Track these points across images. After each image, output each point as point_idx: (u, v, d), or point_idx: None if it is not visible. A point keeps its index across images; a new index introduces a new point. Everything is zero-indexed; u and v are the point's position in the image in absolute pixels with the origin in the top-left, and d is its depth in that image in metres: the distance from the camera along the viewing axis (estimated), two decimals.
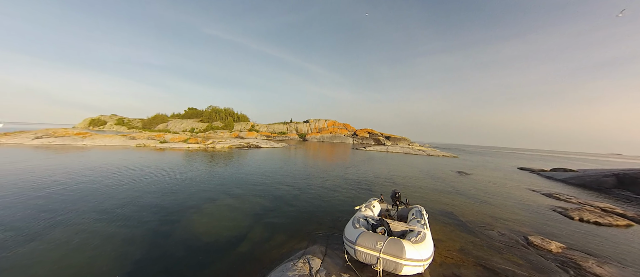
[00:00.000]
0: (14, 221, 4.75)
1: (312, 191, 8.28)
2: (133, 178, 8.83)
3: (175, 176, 9.65)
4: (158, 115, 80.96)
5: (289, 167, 13.41)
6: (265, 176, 10.58)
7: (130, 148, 19.55)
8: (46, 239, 4.11)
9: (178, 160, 14.20)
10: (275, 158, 17.72)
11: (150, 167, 11.14)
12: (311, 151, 27.61)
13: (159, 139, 24.49)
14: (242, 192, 7.67)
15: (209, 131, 61.14)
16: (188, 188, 7.84)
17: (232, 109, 76.93)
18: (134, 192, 7.10)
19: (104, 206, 5.80)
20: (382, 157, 23.79)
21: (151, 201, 6.33)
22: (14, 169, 9.33)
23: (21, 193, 6.46)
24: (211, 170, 11.39)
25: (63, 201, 6.00)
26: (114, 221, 4.97)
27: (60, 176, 8.56)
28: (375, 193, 8.53)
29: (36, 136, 21.04)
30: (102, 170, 10.01)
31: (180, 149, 20.78)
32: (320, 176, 11.20)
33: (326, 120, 71.06)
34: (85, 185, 7.59)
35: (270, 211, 6.05)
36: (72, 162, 11.78)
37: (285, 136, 64.27)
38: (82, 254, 3.72)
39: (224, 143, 25.49)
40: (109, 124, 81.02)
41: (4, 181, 7.54)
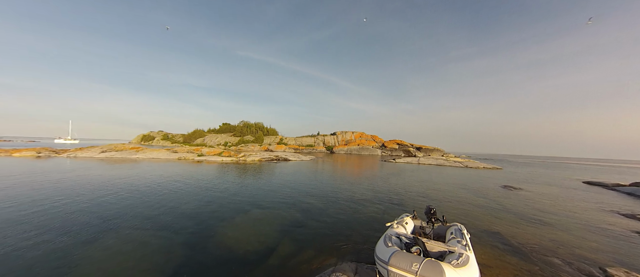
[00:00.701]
0: (73, 225, 5.50)
1: (340, 205, 8.10)
2: (174, 189, 9.67)
3: (211, 187, 10.31)
4: (196, 130, 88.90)
5: (316, 180, 13.41)
6: (293, 189, 10.71)
7: (173, 161, 21.63)
8: (98, 244, 4.65)
9: (213, 172, 15.21)
10: (303, 171, 17.93)
11: (189, 179, 12.12)
12: (338, 163, 27.37)
13: (197, 152, 26.71)
14: (272, 205, 7.83)
15: (240, 145, 64.93)
16: (222, 199, 8.28)
17: (262, 123, 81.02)
18: (175, 202, 7.74)
19: (150, 214, 6.40)
20: (413, 169, 22.46)
21: (189, 211, 6.81)
22: (77, 177, 10.96)
23: (82, 200, 7.51)
24: (243, 182, 11.94)
25: (116, 209, 6.79)
26: (158, 229, 5.43)
27: (116, 186, 9.77)
28: (408, 209, 7.99)
29: (102, 150, 24.59)
30: (150, 181, 11.19)
31: (215, 161, 22.32)
32: (348, 189, 10.95)
33: (353, 133, 70.43)
34: (135, 194, 8.52)
35: (298, 225, 6.04)
36: (126, 173, 13.41)
37: (313, 149, 65.06)
38: (130, 258, 4.10)
39: (254, 156, 26.71)
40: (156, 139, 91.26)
41: (68, 190, 8.87)
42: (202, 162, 21.16)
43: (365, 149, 60.69)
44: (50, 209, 6.51)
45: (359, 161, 33.67)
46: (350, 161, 31.62)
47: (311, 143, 68.62)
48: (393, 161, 33.80)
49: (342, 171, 19.29)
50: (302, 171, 17.96)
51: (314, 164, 24.72)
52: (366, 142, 65.65)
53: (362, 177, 15.66)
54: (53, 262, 3.86)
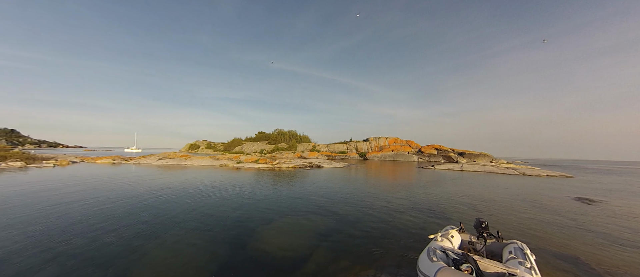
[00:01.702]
0: (139, 221, 6.33)
1: (376, 214, 7.78)
2: (218, 194, 10.51)
3: (249, 193, 10.93)
4: (235, 139, 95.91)
5: (350, 188, 13.18)
6: (327, 196, 10.69)
7: (216, 167, 23.62)
8: (158, 239, 5.25)
9: (251, 179, 16.13)
10: (336, 178, 17.83)
11: (230, 185, 13.05)
12: (372, 170, 26.52)
13: (236, 160, 28.74)
14: (306, 212, 7.92)
15: (275, 152, 67.90)
16: (259, 204, 8.69)
17: (295, 131, 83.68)
18: (218, 206, 8.39)
19: (197, 216, 7.04)
20: (455, 177, 20.48)
21: (230, 214, 7.30)
22: (142, 181, 12.67)
23: (146, 200, 8.63)
24: (278, 189, 12.38)
25: (171, 209, 7.64)
26: (204, 230, 5.93)
27: (171, 190, 11.04)
28: (452, 221, 7.27)
29: (159, 158, 28.22)
30: (198, 186, 12.38)
31: (252, 168, 23.68)
32: (384, 197, 10.48)
33: (387, 138, 67.89)
34: (186, 197, 9.49)
35: (333, 232, 5.97)
36: (178, 178, 15.08)
37: (346, 156, 64.51)
38: (182, 254, 4.54)
39: (288, 163, 27.59)
40: (201, 147, 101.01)
41: (135, 192, 10.29)
42: (240, 169, 22.66)
43: (400, 155, 57.80)
44: (122, 206, 7.65)
45: (393, 167, 32.11)
46: (385, 168, 30.36)
47: (343, 150, 68.16)
48: (432, 168, 31.39)
49: (377, 178, 18.60)
50: (336, 178, 17.86)
51: (347, 171, 24.39)
52: (401, 148, 62.53)
53: (398, 184, 14.86)
54: (123, 247, 4.49)
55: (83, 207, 7.68)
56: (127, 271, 3.91)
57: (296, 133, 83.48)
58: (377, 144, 66.93)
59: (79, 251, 4.55)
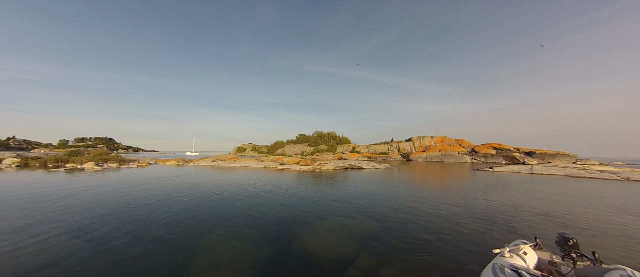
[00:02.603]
0: (199, 213, 7.14)
1: (425, 220, 7.17)
2: (263, 193, 11.20)
3: (292, 193, 11.34)
4: (277, 142, 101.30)
5: (393, 190, 12.51)
6: (369, 198, 10.37)
7: (260, 169, 25.31)
8: (213, 234, 5.83)
9: (293, 180, 16.76)
10: (378, 180, 17.19)
11: (274, 185, 13.79)
12: (417, 172, 24.71)
13: (278, 162, 30.30)
14: (348, 214, 7.80)
15: (315, 154, 69.35)
16: (301, 205, 8.93)
17: (334, 133, 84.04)
18: (264, 205, 8.92)
19: (247, 213, 7.60)
20: (522, 181, 17.46)
21: (274, 213, 7.68)
22: (198, 179, 14.36)
23: (203, 196, 9.74)
24: (320, 190, 12.55)
25: (224, 206, 8.44)
26: (252, 227, 6.36)
27: (223, 188, 12.23)
28: (524, 234, 6.20)
29: (212, 160, 31.68)
30: (245, 185, 13.45)
31: (294, 170, 24.61)
32: (432, 203, 9.62)
33: (432, 137, 62.59)
34: (235, 196, 10.38)
35: (377, 238, 5.72)
36: (228, 178, 16.64)
37: (387, 157, 61.87)
38: (233, 248, 4.94)
39: (329, 165, 27.81)
40: (247, 150, 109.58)
41: (193, 189, 11.69)
42: (283, 170, 23.78)
43: (449, 155, 52.52)
44: (186, 201, 8.80)
45: (441, 169, 29.29)
46: (431, 170, 27.93)
47: (385, 150, 65.45)
48: (490, 170, 27.54)
49: (423, 180, 17.22)
50: (377, 179, 17.22)
51: (389, 172, 23.28)
52: (450, 148, 56.81)
53: (448, 188, 13.47)
54: (188, 238, 5.14)
55: (159, 200, 9.10)
56: (191, 258, 4.44)
57: (335, 134, 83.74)
58: (421, 144, 62.25)
59: (156, 237, 5.38)
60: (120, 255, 4.65)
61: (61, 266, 4.18)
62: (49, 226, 6.22)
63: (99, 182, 14.41)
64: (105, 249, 4.90)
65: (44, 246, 5.03)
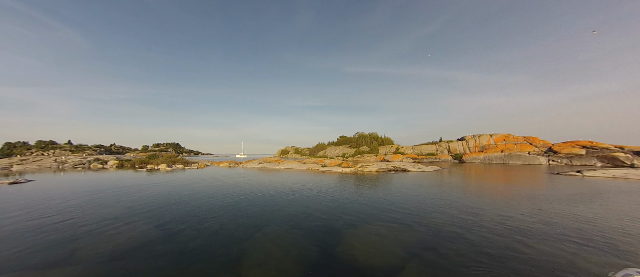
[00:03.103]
0: (248, 211, 7.69)
1: (485, 232, 6.26)
2: (307, 195, 11.47)
3: (334, 195, 11.33)
4: (319, 144, 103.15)
5: (445, 195, 11.34)
6: (416, 203, 9.63)
7: (303, 171, 26.08)
8: (262, 231, 6.18)
9: (335, 182, 16.76)
10: (426, 183, 15.87)
11: (317, 187, 14.01)
12: (473, 175, 21.89)
13: (320, 164, 30.77)
14: (394, 219, 7.37)
15: (357, 156, 68.29)
16: (345, 207, 8.82)
17: (376, 134, 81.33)
18: (308, 206, 9.11)
19: (291, 213, 7.88)
20: (631, 190, 13.64)
21: (317, 215, 7.75)
22: (248, 179, 15.54)
23: (253, 195, 10.48)
24: (363, 193, 12.24)
25: (271, 205, 8.92)
26: (296, 227, 6.54)
27: (269, 188, 12.98)
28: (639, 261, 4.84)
29: (259, 162, 34.05)
30: (290, 186, 14.01)
31: (335, 172, 24.64)
32: (494, 212, 8.35)
33: (492, 136, 54.83)
34: (281, 196, 10.88)
35: (427, 247, 5.23)
36: (274, 179, 17.60)
37: (435, 158, 56.89)
38: (279, 247, 5.13)
39: (371, 167, 27.01)
40: (290, 152, 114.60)
41: (245, 188, 12.67)
42: (325, 172, 24.04)
43: (515, 156, 45.13)
44: (239, 199, 9.64)
45: (505, 172, 25.25)
46: (493, 173, 24.36)
47: (432, 151, 60.26)
48: (577, 175, 22.50)
49: (481, 185, 15.13)
50: (425, 183, 15.89)
51: (439, 175, 21.23)
52: (516, 147, 48.79)
53: (516, 196, 11.51)
54: (240, 233, 5.58)
55: (215, 198, 10.19)
56: (242, 253, 4.79)
57: (377, 135, 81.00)
58: (477, 143, 55.14)
59: (212, 230, 6.00)
60: (184, 244, 5.32)
61: (145, 250, 5.00)
62: (137, 215, 7.56)
63: (170, 180, 16.94)
64: (173, 238, 5.68)
65: (133, 230, 6.11)
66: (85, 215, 7.72)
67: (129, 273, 4.11)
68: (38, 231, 6.20)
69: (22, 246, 5.24)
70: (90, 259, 4.65)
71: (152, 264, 4.43)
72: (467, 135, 59.10)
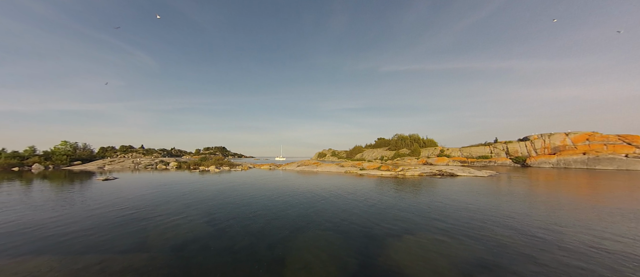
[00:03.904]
0: (291, 212, 7.87)
1: (570, 255, 5.16)
2: (345, 198, 11.30)
3: (375, 199, 10.90)
4: (356, 147, 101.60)
5: (506, 205, 9.85)
6: (469, 213, 8.58)
7: (341, 174, 25.89)
8: (302, 233, 6.23)
9: (374, 185, 16.17)
10: (479, 190, 14.10)
11: (356, 191, 13.71)
12: (543, 182, 18.55)
13: (358, 167, 30.17)
14: (444, 229, 6.68)
15: (396, 159, 65.11)
16: (387, 214, 8.39)
17: (417, 135, 76.50)
18: (346, 210, 8.93)
19: (331, 218, 7.81)
20: None
21: (358, 220, 7.51)
22: (289, 181, 16.04)
23: (294, 196, 10.75)
24: (406, 198, 11.51)
25: (312, 207, 9.01)
26: (338, 233, 6.42)
27: (309, 191, 13.19)
28: None
29: (298, 165, 35.07)
30: (329, 190, 14.01)
31: (374, 175, 23.82)
32: (585, 230, 6.88)
33: (568, 134, 46.00)
34: (320, 199, 10.93)
35: (487, 267, 4.54)
36: (313, 182, 17.84)
37: (489, 161, 50.50)
38: (321, 251, 5.09)
39: (413, 170, 25.36)
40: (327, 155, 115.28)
41: (286, 189, 13.09)
42: (363, 176, 23.44)
43: (605, 159, 36.93)
44: (280, 201, 10.02)
45: (592, 180, 20.71)
46: (572, 180, 20.25)
47: (485, 154, 53.55)
48: None
49: (557, 194, 12.67)
50: (479, 190, 14.11)
51: (495, 181, 18.62)
52: (606, 148, 39.91)
53: (615, 211, 9.31)
54: (283, 234, 5.73)
55: (258, 198, 10.79)
56: (285, 254, 4.88)
57: (418, 137, 75.92)
58: (546, 144, 46.82)
59: (257, 230, 6.30)
60: (232, 241, 5.69)
61: (199, 243, 5.52)
62: (192, 211, 8.46)
63: (218, 181, 18.65)
64: (222, 234, 6.14)
65: (190, 224, 6.84)
66: (153, 209, 8.97)
67: (187, 264, 4.56)
68: (120, 220, 7.42)
69: (109, 233, 6.32)
70: (157, 247, 5.32)
71: (206, 258, 4.84)
72: (532, 135, 50.88)
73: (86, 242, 5.70)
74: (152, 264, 4.55)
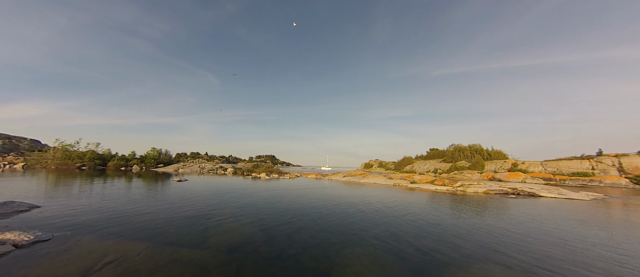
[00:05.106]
0: (338, 224, 7.68)
1: None
2: (396, 213, 10.51)
3: (433, 219, 9.83)
4: (405, 157, 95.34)
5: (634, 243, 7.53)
6: (574, 251, 6.86)
7: (389, 186, 24.46)
8: (350, 248, 5.96)
9: (429, 202, 14.68)
10: (582, 218, 11.23)
11: (407, 205, 12.66)
12: None
13: (409, 180, 28.04)
14: (528, 267, 5.47)
15: (453, 172, 58.21)
16: (449, 239, 7.42)
17: (479, 145, 67.28)
18: (398, 226, 8.26)
19: (379, 233, 7.32)
20: None
21: (416, 244, 6.81)
22: (335, 192, 15.88)
23: (342, 209, 10.55)
24: (472, 221, 10.04)
25: (360, 221, 8.65)
26: (389, 251, 5.94)
27: (358, 203, 12.79)
28: None
29: (343, 175, 34.77)
30: (375, 202, 13.34)
31: (428, 190, 21.70)
32: None
33: None
34: (368, 212, 10.45)
35: None
36: (358, 193, 17.30)
37: (590, 180, 40.24)
38: (372, 271, 4.74)
39: (476, 187, 22.15)
40: (374, 166, 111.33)
41: (333, 201, 12.96)
42: (414, 190, 21.62)
43: None
44: (324, 211, 9.99)
45: None
46: None
47: (583, 170, 42.81)
48: None
49: None
50: (578, 217, 11.21)
51: (605, 208, 14.47)
52: None
53: None
54: (330, 247, 5.61)
55: (306, 207, 10.98)
56: (332, 270, 4.72)
57: (481, 147, 66.31)
58: None
59: (303, 240, 6.34)
60: (280, 249, 5.84)
61: (251, 247, 5.86)
62: (246, 214, 9.14)
63: (269, 187, 19.86)
64: (272, 241, 6.38)
65: (243, 227, 7.36)
66: (213, 210, 10.05)
67: (241, 265, 4.86)
68: (187, 217, 8.53)
69: (179, 228, 7.30)
70: (215, 247, 5.86)
71: (256, 261, 5.08)
72: None
73: (162, 233, 6.70)
74: (211, 261, 5.01)
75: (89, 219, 7.93)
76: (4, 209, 8.39)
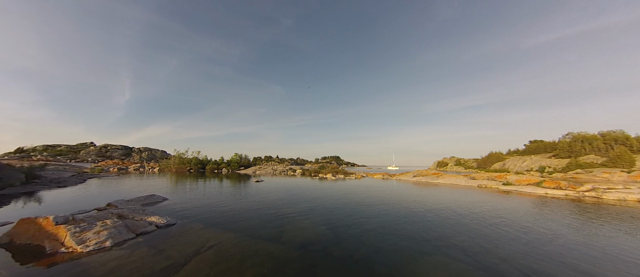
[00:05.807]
0: (413, 229, 7.05)
1: None
2: (487, 221, 8.89)
3: (546, 232, 7.84)
4: (492, 153, 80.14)
5: None
6: None
7: (473, 188, 20.95)
8: (423, 258, 5.33)
9: (536, 209, 11.80)
10: None
11: (503, 212, 10.53)
12: None
13: (501, 180, 23.33)
14: None
15: (574, 170, 44.89)
16: (575, 262, 5.74)
17: (621, 132, 49.67)
18: (489, 237, 6.92)
19: (459, 242, 6.31)
20: None
21: (512, 261, 5.56)
22: (408, 192, 14.71)
23: (412, 213, 9.69)
24: (611, 240, 7.51)
25: (430, 226, 7.73)
26: (479, 270, 5.03)
27: (428, 207, 11.51)
28: None
29: (413, 175, 32.07)
30: (455, 206, 11.65)
31: (531, 194, 17.46)
32: None
33: None
34: (448, 220, 9.22)
35: None
36: (432, 195, 15.51)
37: None
38: None
39: (621, 192, 16.38)
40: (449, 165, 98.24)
41: (407, 203, 12.05)
42: (510, 193, 17.78)
43: None
44: (394, 214, 9.40)
45: None
46: None
47: None
48: None
49: None
50: None
51: None
52: None
53: None
54: (404, 257, 5.20)
55: (374, 209, 10.64)
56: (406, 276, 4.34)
57: (625, 134, 48.32)
58: None
59: (373, 244, 6.10)
60: (350, 251, 5.79)
61: (321, 245, 6.05)
62: (315, 213, 9.56)
63: (336, 187, 20.27)
64: (341, 241, 6.40)
65: (313, 225, 7.71)
66: (287, 208, 10.95)
67: (313, 263, 5.07)
68: (265, 214, 9.58)
69: (259, 223, 8.27)
70: (289, 242, 6.33)
71: (326, 260, 5.20)
72: None
73: (247, 226, 7.73)
74: (287, 256, 5.43)
75: (198, 210, 9.99)
76: (149, 200, 11.63)
